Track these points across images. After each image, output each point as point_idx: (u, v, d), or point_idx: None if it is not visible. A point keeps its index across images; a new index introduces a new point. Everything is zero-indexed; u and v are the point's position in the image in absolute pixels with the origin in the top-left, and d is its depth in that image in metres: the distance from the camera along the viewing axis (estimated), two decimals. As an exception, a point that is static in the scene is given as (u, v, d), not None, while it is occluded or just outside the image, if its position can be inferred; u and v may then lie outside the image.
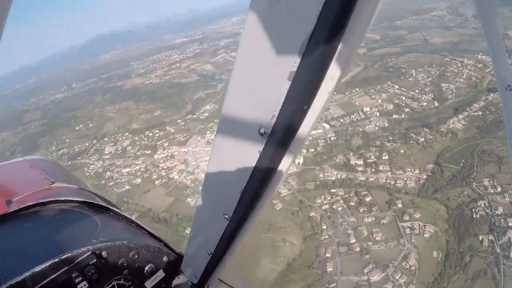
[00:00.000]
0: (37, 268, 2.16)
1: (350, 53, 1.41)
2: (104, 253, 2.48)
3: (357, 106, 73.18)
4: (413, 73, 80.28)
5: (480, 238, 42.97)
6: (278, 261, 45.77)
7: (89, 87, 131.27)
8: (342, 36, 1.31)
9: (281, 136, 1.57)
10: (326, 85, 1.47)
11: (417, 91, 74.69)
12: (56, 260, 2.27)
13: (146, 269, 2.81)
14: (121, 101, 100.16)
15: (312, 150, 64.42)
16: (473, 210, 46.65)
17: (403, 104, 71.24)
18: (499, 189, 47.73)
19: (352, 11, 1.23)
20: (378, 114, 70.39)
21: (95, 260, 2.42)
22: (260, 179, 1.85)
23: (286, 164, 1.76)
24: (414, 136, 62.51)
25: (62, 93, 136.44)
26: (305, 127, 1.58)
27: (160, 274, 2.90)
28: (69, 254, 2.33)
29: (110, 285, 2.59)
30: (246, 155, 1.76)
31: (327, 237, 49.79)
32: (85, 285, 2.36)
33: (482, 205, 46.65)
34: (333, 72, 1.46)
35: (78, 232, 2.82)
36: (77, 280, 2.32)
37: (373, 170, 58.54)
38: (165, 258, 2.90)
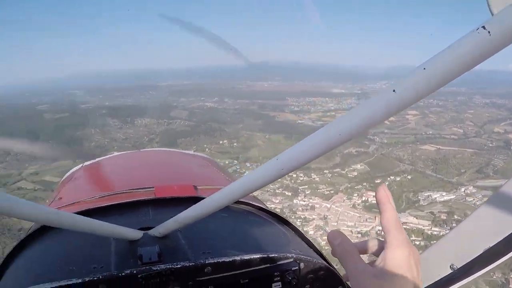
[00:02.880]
0: (246, 256, 2.29)
1: None
2: (302, 265, 2.49)
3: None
4: None
5: None
6: None
7: (240, 107, 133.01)
8: None
9: None
10: None
11: None
12: (265, 255, 2.38)
13: None
14: (272, 132, 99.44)
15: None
16: None
17: None
18: None
19: None
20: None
21: (297, 268, 2.46)
22: (510, 245, 2.13)
23: None
24: None
25: (213, 103, 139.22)
26: None
27: None
28: (276, 255, 2.42)
29: None
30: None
31: None
32: (279, 285, 2.42)
33: None
34: None
35: (275, 238, 2.82)
36: (275, 279, 2.39)
37: (534, 302, 49.58)
38: None
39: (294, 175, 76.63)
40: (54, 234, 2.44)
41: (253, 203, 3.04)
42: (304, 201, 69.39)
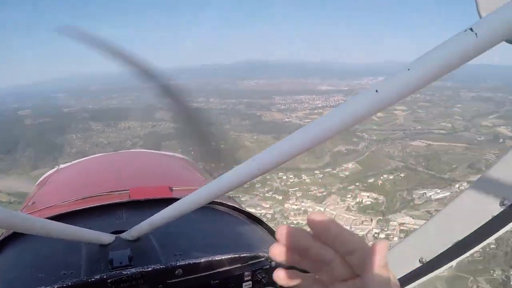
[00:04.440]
0: (217, 257, 2.37)
1: None
2: (273, 263, 2.63)
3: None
4: None
5: None
6: None
7: (226, 106, 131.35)
8: None
9: None
10: None
11: None
12: (236, 256, 2.49)
13: None
14: (260, 133, 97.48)
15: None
16: None
17: None
18: None
19: None
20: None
21: (268, 266, 2.60)
22: (478, 238, 2.27)
23: (508, 227, 2.19)
24: None
25: (198, 103, 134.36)
26: None
27: None
28: (247, 254, 2.54)
29: None
30: (481, 214, 2.21)
31: None
32: (249, 285, 2.55)
33: None
34: None
35: (248, 238, 2.97)
36: (246, 279, 2.52)
37: (544, 298, 50.31)
38: None
39: (284, 177, 75.03)
40: (26, 240, 2.39)
41: (228, 203, 3.06)
42: (296, 204, 67.22)
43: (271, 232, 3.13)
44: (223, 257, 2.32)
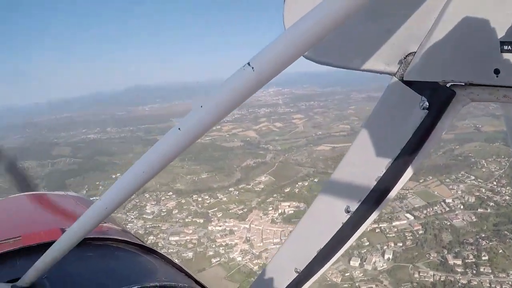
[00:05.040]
0: None
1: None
2: None
3: (437, 196, 68.56)
4: (484, 163, 75.51)
5: None
6: None
7: (125, 135, 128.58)
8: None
9: (361, 215, 2.36)
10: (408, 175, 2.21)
11: (494, 183, 68.98)
12: None
13: None
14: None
15: (401, 244, 58.61)
16: None
17: (485, 197, 65.49)
18: None
19: None
20: (462, 207, 64.46)
21: None
22: (336, 244, 2.54)
23: (359, 231, 2.48)
24: (508, 234, 56.87)
25: (95, 134, 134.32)
26: (379, 211, 2.36)
27: None
28: (138, 286, 2.55)
29: None
30: (333, 223, 2.47)
31: None
32: None
33: None
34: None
35: (140, 270, 3.00)
36: None
37: (474, 272, 52.43)
38: None
39: (200, 199, 73.89)
40: None
41: (119, 238, 3.05)
42: (220, 226, 65.04)
43: (167, 260, 3.13)
44: None
